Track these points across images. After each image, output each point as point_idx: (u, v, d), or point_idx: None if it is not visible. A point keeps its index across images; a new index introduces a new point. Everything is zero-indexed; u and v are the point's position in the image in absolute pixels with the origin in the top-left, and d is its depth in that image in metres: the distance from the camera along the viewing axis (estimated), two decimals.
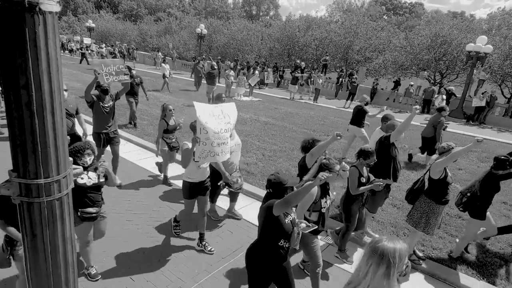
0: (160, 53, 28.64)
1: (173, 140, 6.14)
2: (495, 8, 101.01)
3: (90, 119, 6.66)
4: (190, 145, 3.87)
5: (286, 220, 2.75)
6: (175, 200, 5.64)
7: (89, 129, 6.00)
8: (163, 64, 17.47)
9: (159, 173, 6.57)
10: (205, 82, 16.17)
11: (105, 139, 5.82)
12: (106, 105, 5.68)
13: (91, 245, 3.64)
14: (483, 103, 15.54)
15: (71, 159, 1.45)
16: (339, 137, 3.79)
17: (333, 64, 26.92)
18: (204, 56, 21.70)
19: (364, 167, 4.14)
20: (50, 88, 1.25)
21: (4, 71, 1.18)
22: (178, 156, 5.88)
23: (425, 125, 8.69)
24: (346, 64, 26.42)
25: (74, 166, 1.53)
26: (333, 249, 4.63)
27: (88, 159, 3.41)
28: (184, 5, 75.60)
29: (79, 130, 5.95)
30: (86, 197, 3.38)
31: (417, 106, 4.38)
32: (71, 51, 34.69)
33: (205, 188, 4.25)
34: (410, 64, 23.30)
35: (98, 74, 5.10)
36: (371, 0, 74.09)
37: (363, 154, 4.08)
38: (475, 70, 16.54)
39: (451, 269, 4.30)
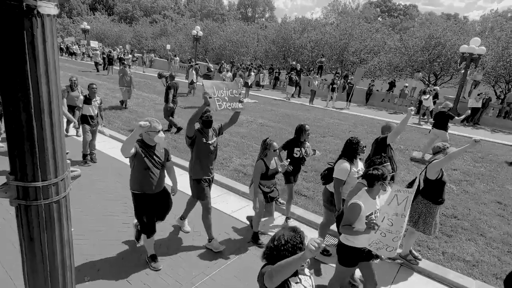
0: (225, 64, 26.54)
1: (272, 188, 4.65)
2: (488, 10, 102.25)
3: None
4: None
5: None
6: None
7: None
8: (224, 73, 17.72)
9: None
10: (201, 83, 16.18)
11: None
12: (210, 141, 4.34)
13: None
14: (479, 104, 15.68)
15: (68, 161, 1.45)
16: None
17: (328, 66, 27.03)
18: (195, 64, 21.44)
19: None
20: (48, 90, 1.25)
21: (2, 73, 1.18)
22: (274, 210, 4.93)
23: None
24: (341, 65, 26.56)
25: (72, 168, 1.53)
26: (330, 249, 4.65)
27: None
28: (179, 7, 75.52)
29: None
30: None
31: (412, 108, 4.41)
32: (72, 54, 34.21)
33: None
34: (405, 65, 23.47)
35: (210, 98, 4.09)
36: (366, 2, 74.60)
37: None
38: (469, 71, 16.70)
39: (447, 269, 4.33)
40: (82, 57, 33.65)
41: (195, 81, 17.16)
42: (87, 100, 6.84)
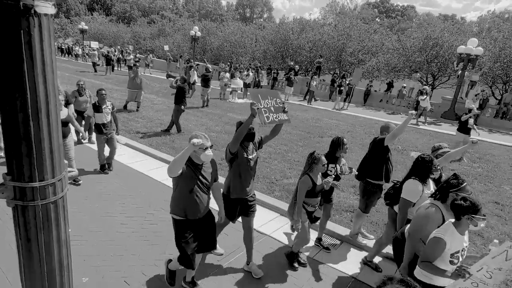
0: (223, 64, 26.35)
1: (316, 207, 4.16)
2: (485, 11, 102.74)
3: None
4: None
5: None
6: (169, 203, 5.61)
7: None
8: (223, 73, 17.61)
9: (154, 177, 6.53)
10: (199, 84, 16.19)
11: (242, 208, 3.91)
12: (250, 156, 3.96)
13: None
14: (476, 105, 15.76)
15: (66, 162, 1.44)
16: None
17: (326, 66, 27.09)
18: (197, 64, 21.32)
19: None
20: (45, 90, 1.24)
21: None
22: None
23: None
24: (339, 66, 26.61)
25: (69, 169, 1.52)
26: (324, 253, 4.65)
27: None
28: (177, 7, 75.49)
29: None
30: None
31: (413, 112, 4.41)
32: (76, 56, 33.96)
33: None
34: (402, 66, 23.56)
35: (257, 109, 3.59)
36: (364, 3, 74.81)
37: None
38: (466, 72, 16.78)
39: None
40: (84, 58, 33.48)
41: (196, 81, 17.18)
42: (97, 108, 6.30)
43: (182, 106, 9.66)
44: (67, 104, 6.79)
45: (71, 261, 1.59)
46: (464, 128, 9.20)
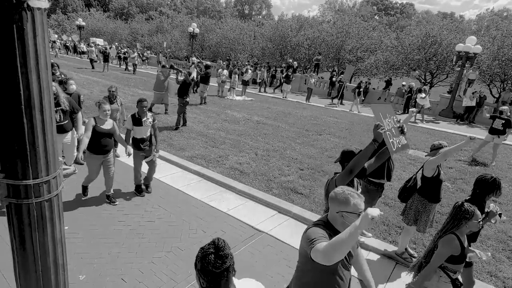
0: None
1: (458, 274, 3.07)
2: (483, 9, 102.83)
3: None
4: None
5: None
6: (168, 200, 5.60)
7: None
8: (221, 70, 17.41)
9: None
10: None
11: None
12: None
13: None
14: (473, 103, 15.78)
15: (61, 159, 1.42)
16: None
17: (325, 64, 27.04)
18: (199, 62, 21.11)
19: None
20: (39, 86, 1.22)
21: None
22: None
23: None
24: (338, 63, 26.57)
25: (65, 166, 1.50)
26: None
27: None
28: (175, 3, 75.07)
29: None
30: None
31: (413, 109, 4.40)
32: (82, 53, 33.23)
33: None
34: (401, 64, 23.54)
35: (383, 131, 2.81)
36: (363, 0, 74.62)
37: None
38: (465, 70, 16.79)
39: None
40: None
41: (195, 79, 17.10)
42: (137, 121, 5.38)
43: (187, 99, 9.80)
44: (72, 113, 5.77)
45: (67, 259, 1.57)
46: (493, 129, 9.25)
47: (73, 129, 5.90)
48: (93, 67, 23.85)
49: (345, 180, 2.81)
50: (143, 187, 5.78)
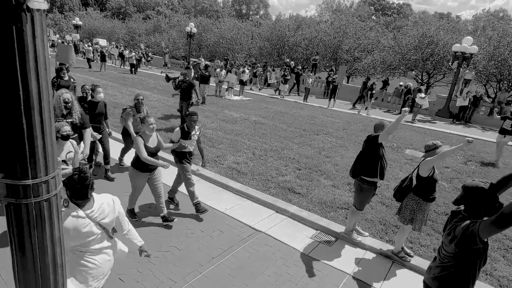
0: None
1: None
2: (480, 9, 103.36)
3: None
4: None
5: None
6: (165, 200, 5.60)
7: None
8: (218, 70, 17.31)
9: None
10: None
11: None
12: None
13: None
14: (466, 103, 15.89)
15: (59, 159, 1.43)
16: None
17: (322, 64, 27.10)
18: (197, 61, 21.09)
19: None
20: (38, 87, 1.23)
21: None
22: None
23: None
24: (335, 63, 26.63)
25: (63, 166, 1.51)
26: (323, 246, 4.68)
27: None
28: (173, 3, 74.91)
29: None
30: None
31: (406, 109, 4.43)
32: (84, 53, 32.56)
33: None
34: (398, 64, 23.64)
35: None
36: (360, 0, 74.81)
37: None
38: (461, 70, 16.88)
39: None
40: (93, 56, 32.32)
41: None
42: (185, 134, 5.08)
43: (193, 100, 9.85)
44: (82, 127, 5.13)
45: (65, 259, 1.58)
46: (502, 129, 9.33)
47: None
48: (90, 67, 23.77)
49: (493, 233, 2.24)
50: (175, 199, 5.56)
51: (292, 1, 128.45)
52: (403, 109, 4.26)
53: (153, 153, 4.59)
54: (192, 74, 16.66)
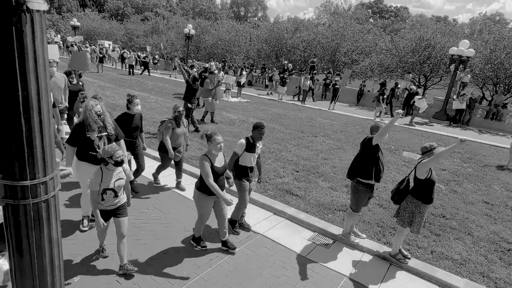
0: (213, 63, 24.55)
1: None
2: (477, 13, 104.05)
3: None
4: None
5: None
6: (163, 202, 5.59)
7: None
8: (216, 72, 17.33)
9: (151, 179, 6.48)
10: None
11: None
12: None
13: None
14: (463, 106, 15.98)
15: (58, 160, 1.43)
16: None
17: (320, 66, 27.18)
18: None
19: None
20: (37, 88, 1.23)
21: None
22: None
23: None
24: (333, 66, 26.72)
25: (62, 167, 1.50)
26: (320, 248, 4.68)
27: None
28: (171, 4, 74.99)
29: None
30: None
31: (400, 111, 4.45)
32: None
33: None
34: (395, 66, 23.74)
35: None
36: (358, 3, 75.23)
37: None
38: (458, 73, 16.98)
39: (435, 267, 4.40)
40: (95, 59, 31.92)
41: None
42: (251, 146, 4.68)
43: (188, 104, 9.65)
44: (116, 139, 4.55)
45: (63, 260, 1.57)
46: None
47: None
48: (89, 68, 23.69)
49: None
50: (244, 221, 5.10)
51: (290, 4, 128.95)
52: (396, 111, 4.27)
53: (219, 174, 4.12)
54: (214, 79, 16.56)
